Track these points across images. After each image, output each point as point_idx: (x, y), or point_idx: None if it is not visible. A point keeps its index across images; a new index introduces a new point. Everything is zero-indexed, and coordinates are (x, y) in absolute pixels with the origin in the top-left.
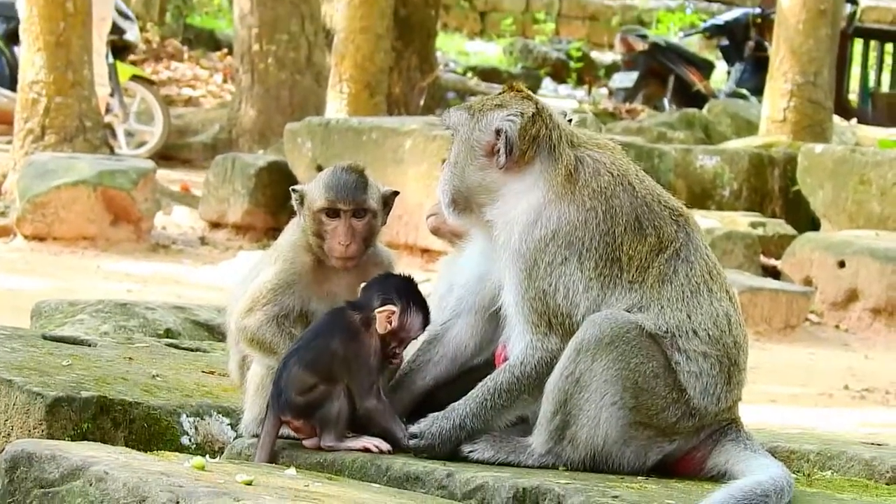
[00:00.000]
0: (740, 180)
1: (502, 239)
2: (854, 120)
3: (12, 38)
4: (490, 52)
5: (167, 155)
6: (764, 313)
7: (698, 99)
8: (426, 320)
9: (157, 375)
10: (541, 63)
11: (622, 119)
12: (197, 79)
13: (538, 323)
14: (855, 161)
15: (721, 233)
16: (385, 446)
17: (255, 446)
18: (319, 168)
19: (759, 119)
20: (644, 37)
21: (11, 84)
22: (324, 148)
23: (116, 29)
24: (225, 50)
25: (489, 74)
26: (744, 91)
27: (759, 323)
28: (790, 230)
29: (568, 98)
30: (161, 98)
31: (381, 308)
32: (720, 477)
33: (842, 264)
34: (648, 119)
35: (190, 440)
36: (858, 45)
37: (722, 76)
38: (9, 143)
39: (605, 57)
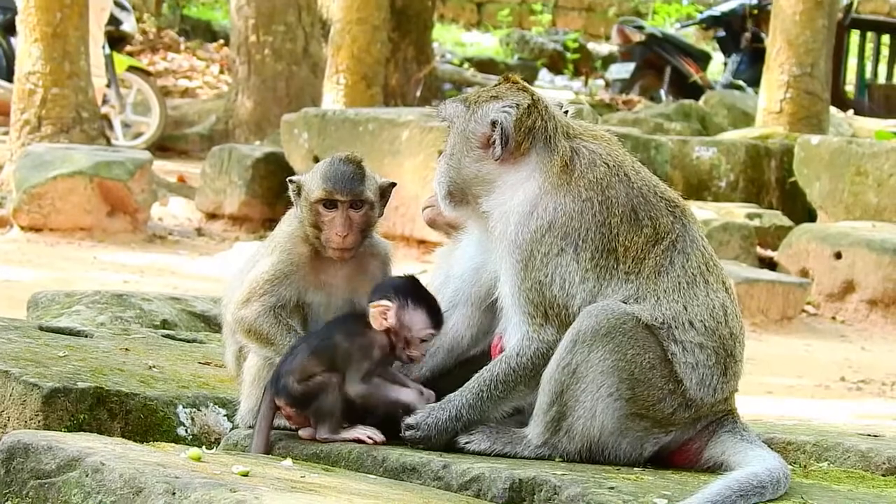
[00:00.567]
0: (737, 171)
1: (498, 230)
2: (850, 111)
3: (9, 29)
4: (487, 43)
5: (164, 146)
6: (760, 304)
7: (695, 90)
8: (432, 320)
9: (154, 366)
10: (537, 54)
11: (619, 110)
12: (193, 70)
13: (534, 314)
14: (851, 152)
15: (717, 224)
16: (379, 437)
17: (251, 438)
18: (316, 159)
19: (756, 110)
20: (641, 28)
21: (8, 75)
22: (320, 139)
23: (113, 20)
24: (221, 41)
25: (486, 65)
26: (740, 82)
27: (756, 314)
28: (787, 221)
29: (564, 89)
30: (158, 89)
31: (375, 304)
32: (716, 468)
33: (838, 255)
34: (645, 110)
35: (186, 431)
36: (855, 37)
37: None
38: (5, 134)
39: (602, 48)
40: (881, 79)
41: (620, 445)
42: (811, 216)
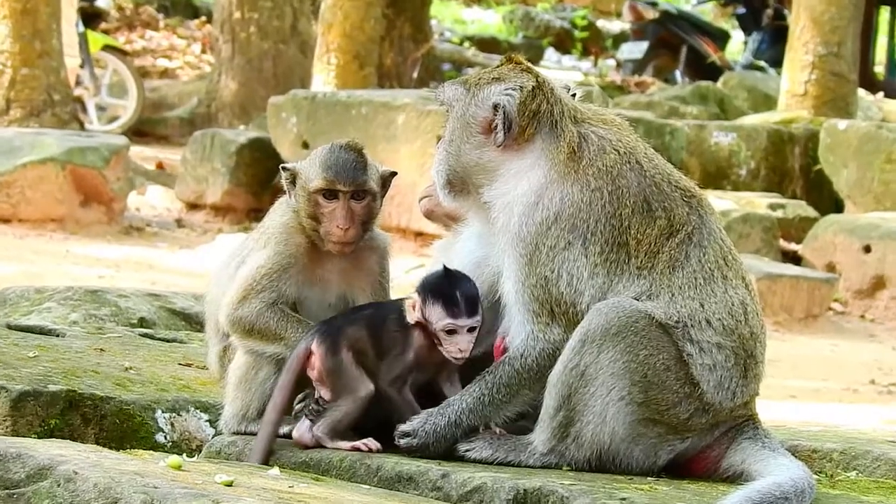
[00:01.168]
0: (758, 159)
1: (501, 222)
2: (880, 94)
3: None
4: (489, 21)
5: (141, 131)
6: (783, 302)
7: (713, 71)
8: (448, 311)
9: (131, 368)
10: (543, 32)
11: (631, 93)
12: (173, 49)
13: (540, 312)
14: (881, 138)
15: (737, 215)
16: (374, 445)
17: (236, 444)
18: (305, 145)
19: (778, 93)
20: (654, 4)
21: None
22: (310, 123)
23: None
24: (203, 18)
25: (488, 44)
26: (762, 63)
27: (779, 312)
28: (812, 212)
29: (572, 70)
30: (135, 70)
31: (407, 297)
32: (736, 478)
33: (867, 249)
34: (659, 93)
35: (165, 438)
36: (885, 14)
37: (738, 47)
38: None
39: (613, 26)
40: None
41: (633, 453)
42: (838, 207)
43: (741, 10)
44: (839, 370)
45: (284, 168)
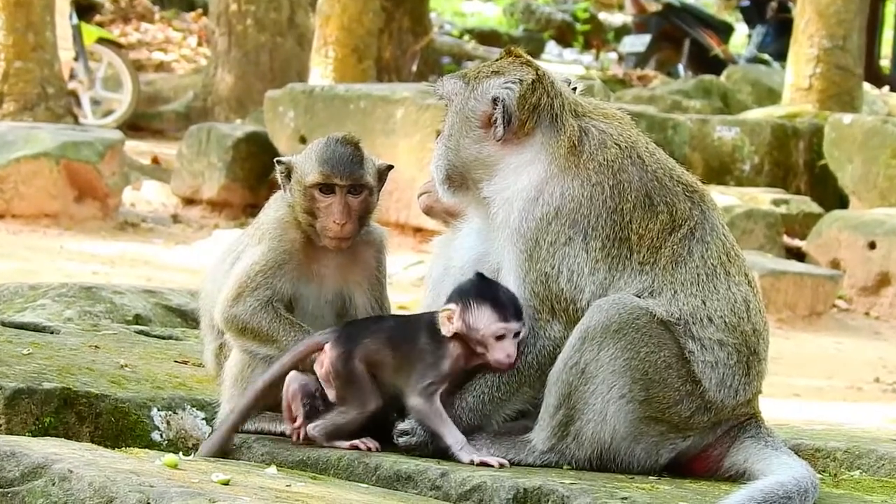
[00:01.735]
0: (762, 153)
1: (501, 217)
2: (886, 88)
3: None
4: (489, 13)
5: (136, 125)
6: (787, 299)
7: (716, 64)
8: (500, 314)
9: (126, 365)
10: (544, 25)
11: (633, 86)
12: (169, 42)
13: (540, 309)
14: (887, 133)
15: (740, 211)
16: (373, 443)
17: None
18: (303, 139)
19: (783, 87)
20: None
21: None
22: (307, 118)
23: None
24: (200, 10)
25: (488, 37)
26: (766, 56)
27: (782, 309)
28: (816, 208)
29: (574, 63)
30: (130, 63)
31: (441, 309)
32: (738, 477)
33: (872, 245)
34: (662, 86)
35: (161, 436)
36: (891, 7)
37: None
38: None
39: (615, 18)
40: None
41: (634, 452)
42: (843, 202)
43: (745, 3)
44: (843, 368)
45: (279, 162)
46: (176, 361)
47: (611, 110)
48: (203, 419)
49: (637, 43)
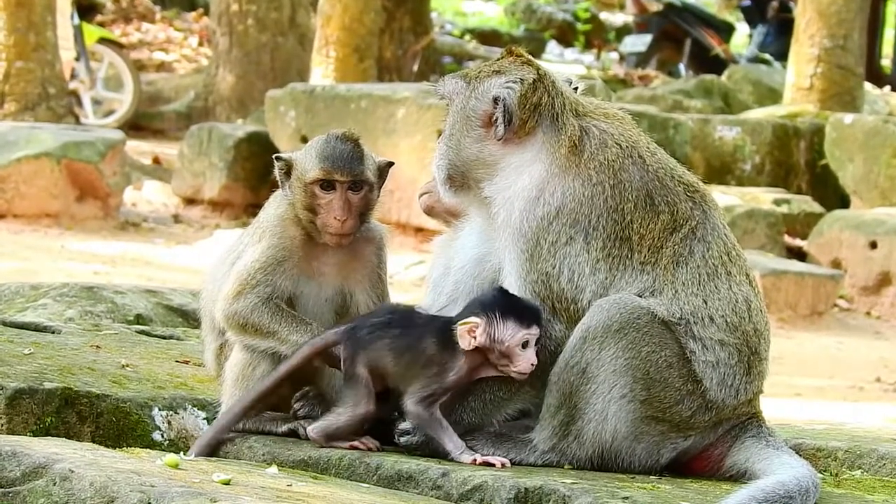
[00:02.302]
0: (763, 153)
1: (502, 217)
2: (887, 87)
3: None
4: (490, 13)
5: (138, 125)
6: (788, 298)
7: (717, 64)
8: (524, 322)
9: (127, 365)
10: (545, 25)
11: (634, 86)
12: (170, 42)
13: (541, 308)
14: (888, 132)
15: (742, 210)
16: (374, 443)
17: (233, 442)
18: (304, 139)
19: (784, 86)
20: None
21: None
22: (308, 117)
23: None
24: (201, 10)
25: (489, 37)
26: (767, 56)
27: (783, 309)
28: (817, 208)
29: (575, 63)
30: (131, 63)
31: (463, 321)
32: (739, 476)
33: (873, 245)
34: (663, 86)
35: (162, 436)
36: (892, 6)
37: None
38: None
39: (616, 18)
40: None
41: (635, 451)
42: (844, 202)
43: (746, 3)
44: (844, 368)
45: (278, 158)
46: (177, 361)
47: (612, 110)
48: (204, 419)
49: (638, 43)
